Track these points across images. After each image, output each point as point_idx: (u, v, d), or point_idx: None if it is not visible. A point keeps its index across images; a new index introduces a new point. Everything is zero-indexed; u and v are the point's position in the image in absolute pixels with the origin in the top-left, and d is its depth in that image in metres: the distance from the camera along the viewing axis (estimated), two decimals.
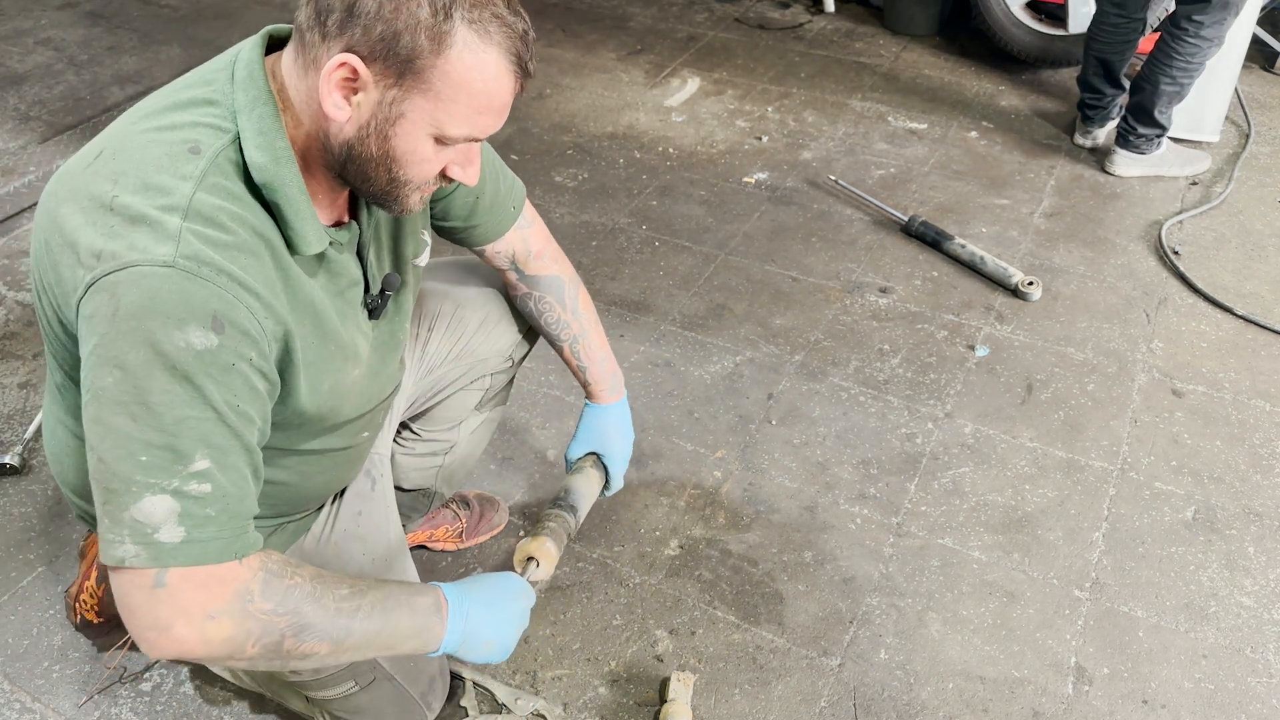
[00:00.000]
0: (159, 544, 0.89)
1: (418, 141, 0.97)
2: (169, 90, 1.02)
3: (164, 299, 0.88)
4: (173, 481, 0.89)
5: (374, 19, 0.90)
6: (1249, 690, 1.57)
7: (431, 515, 1.80)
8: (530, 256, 1.44)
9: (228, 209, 0.94)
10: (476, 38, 0.92)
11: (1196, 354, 2.23)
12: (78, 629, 1.64)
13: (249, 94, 0.97)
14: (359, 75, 0.92)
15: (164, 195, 0.91)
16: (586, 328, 1.50)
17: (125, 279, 0.88)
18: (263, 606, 0.95)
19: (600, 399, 1.53)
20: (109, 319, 0.88)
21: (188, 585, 0.91)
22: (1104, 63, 2.80)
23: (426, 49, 0.91)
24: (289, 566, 0.99)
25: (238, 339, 0.92)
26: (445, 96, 0.94)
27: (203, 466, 0.90)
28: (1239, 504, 1.87)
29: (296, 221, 0.99)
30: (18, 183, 2.85)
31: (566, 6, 4.04)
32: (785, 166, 2.95)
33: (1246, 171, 2.85)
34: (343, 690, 1.34)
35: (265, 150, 0.96)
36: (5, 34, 3.86)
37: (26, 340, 2.34)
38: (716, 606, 1.72)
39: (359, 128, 0.96)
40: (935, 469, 1.96)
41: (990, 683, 1.59)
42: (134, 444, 0.88)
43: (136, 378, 0.88)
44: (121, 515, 0.89)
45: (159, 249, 0.89)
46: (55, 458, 1.19)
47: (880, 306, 2.39)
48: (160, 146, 0.95)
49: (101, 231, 0.90)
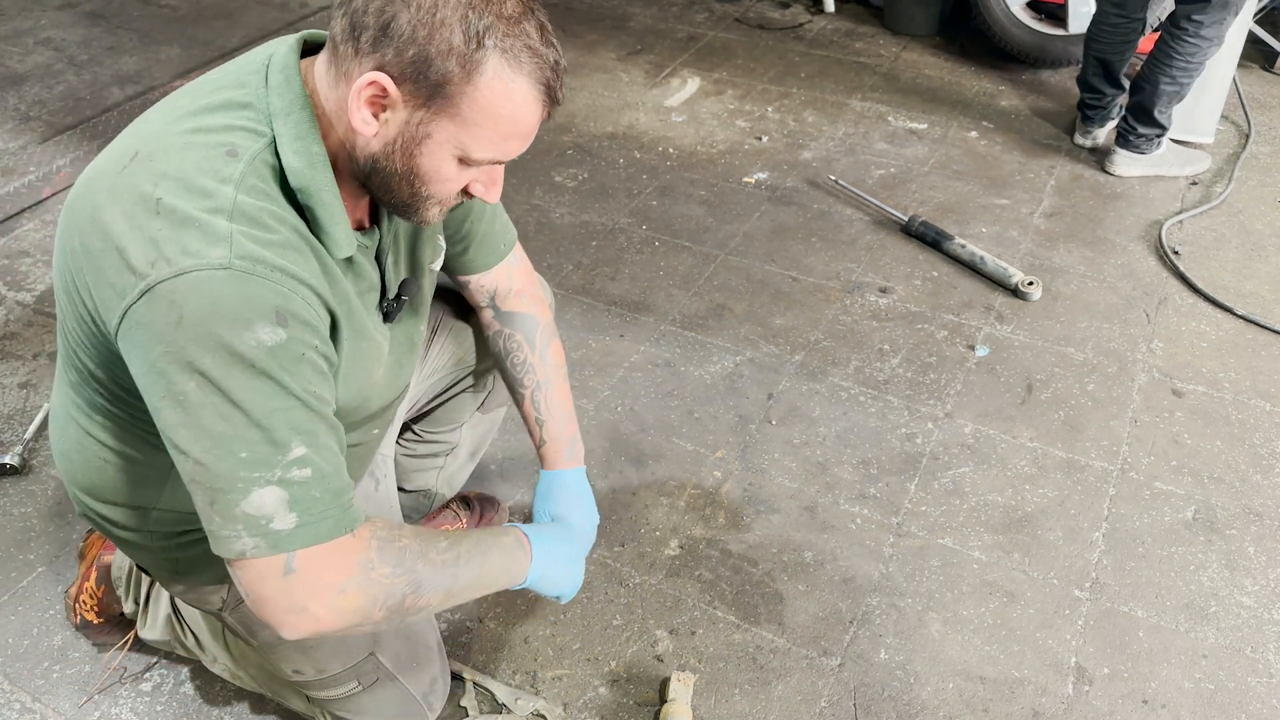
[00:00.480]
0: (276, 533, 0.93)
1: (442, 161, 0.98)
2: (199, 90, 1.02)
3: (227, 302, 0.89)
4: (276, 472, 0.92)
5: (407, 41, 0.90)
6: (1249, 690, 1.57)
7: (432, 515, 1.80)
8: (510, 293, 1.43)
9: (268, 209, 0.95)
10: (507, 67, 0.93)
11: (1196, 354, 2.23)
12: (78, 629, 1.65)
13: (285, 98, 0.97)
14: (388, 94, 0.93)
15: (207, 198, 0.92)
16: (551, 378, 1.44)
17: (184, 285, 0.89)
18: (383, 571, 1.00)
19: (556, 463, 1.42)
20: (174, 326, 0.89)
21: (315, 565, 0.95)
22: (1104, 63, 2.80)
23: (457, 75, 0.91)
24: (393, 530, 1.04)
25: (301, 329, 0.94)
26: (472, 121, 0.94)
27: (300, 453, 0.93)
28: (1239, 504, 1.87)
29: (330, 225, 1.00)
30: (18, 183, 2.85)
31: (566, 6, 4.04)
32: (785, 166, 2.95)
33: (1246, 171, 2.85)
34: (345, 690, 1.34)
35: (302, 155, 0.97)
36: (5, 34, 3.86)
37: (26, 340, 2.34)
38: (716, 606, 1.72)
39: (385, 143, 0.97)
40: (935, 469, 1.96)
41: (990, 683, 1.59)
42: (232, 442, 0.91)
43: (217, 379, 0.90)
44: (233, 512, 0.92)
45: (213, 252, 0.89)
46: (64, 454, 1.19)
47: (880, 306, 2.39)
48: (198, 149, 0.95)
49: (150, 236, 0.90)
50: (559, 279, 2.51)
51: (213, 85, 1.02)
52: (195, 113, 0.98)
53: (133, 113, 3.22)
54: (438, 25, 0.90)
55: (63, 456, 1.20)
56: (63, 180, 2.93)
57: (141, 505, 1.19)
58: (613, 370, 2.23)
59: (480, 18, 0.91)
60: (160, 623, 1.53)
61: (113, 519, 1.21)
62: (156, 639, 1.55)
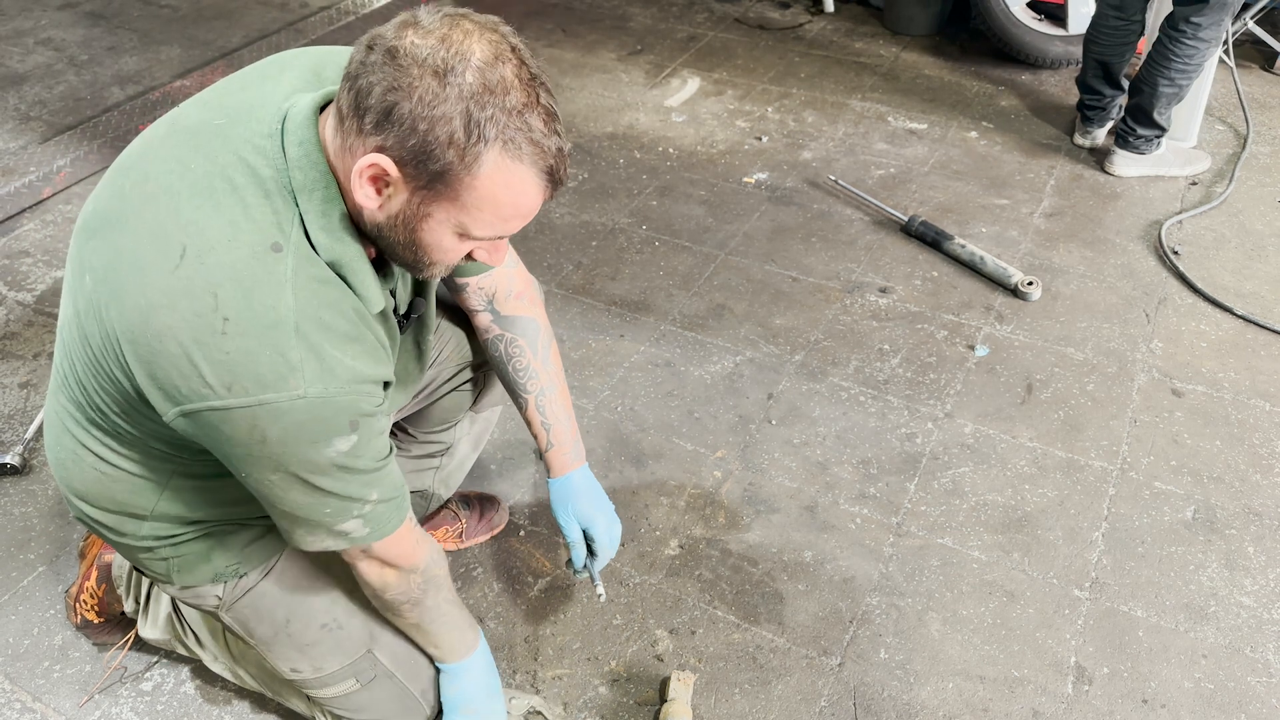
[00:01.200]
0: (356, 538, 1.12)
1: (443, 237, 0.99)
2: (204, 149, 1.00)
3: (307, 429, 0.98)
4: (355, 512, 1.09)
5: (408, 130, 0.90)
6: (1249, 690, 1.57)
7: (431, 515, 1.80)
8: (510, 295, 1.43)
9: (325, 298, 0.98)
10: (508, 158, 0.92)
11: (1196, 354, 2.23)
12: (78, 629, 1.65)
13: (307, 174, 0.98)
14: (389, 174, 0.93)
15: (270, 310, 0.94)
16: (554, 382, 1.46)
17: (264, 415, 0.95)
18: (416, 581, 1.26)
19: (564, 468, 1.46)
20: (259, 444, 0.98)
21: (384, 549, 1.18)
22: (1103, 64, 2.80)
23: (457, 165, 0.91)
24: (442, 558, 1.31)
25: (371, 421, 1.04)
26: (472, 206, 0.95)
27: (373, 498, 1.10)
28: (1239, 504, 1.87)
29: (362, 289, 1.03)
30: (18, 183, 2.85)
31: (566, 6, 4.04)
32: (785, 166, 2.95)
33: (1246, 171, 2.85)
34: (343, 689, 1.35)
35: (329, 232, 0.99)
36: (5, 34, 3.86)
37: (27, 340, 2.34)
38: (716, 606, 1.72)
39: (388, 216, 0.98)
40: (935, 469, 1.96)
41: (990, 682, 1.59)
42: (315, 507, 1.06)
43: (299, 477, 1.02)
44: (319, 530, 1.10)
45: (288, 385, 0.95)
46: (59, 461, 1.19)
47: (880, 306, 2.40)
48: (243, 247, 0.95)
49: (220, 359, 0.93)
50: (559, 279, 2.51)
51: (227, 148, 0.99)
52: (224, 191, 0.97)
53: (133, 113, 3.22)
54: (438, 118, 0.89)
55: (58, 463, 1.20)
56: (62, 180, 2.93)
57: (137, 513, 1.19)
58: (613, 370, 2.23)
59: (482, 110, 0.90)
60: (161, 621, 1.53)
61: (108, 524, 1.22)
62: (157, 638, 1.55)
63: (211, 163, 0.99)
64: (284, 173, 0.98)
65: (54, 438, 1.20)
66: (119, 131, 3.12)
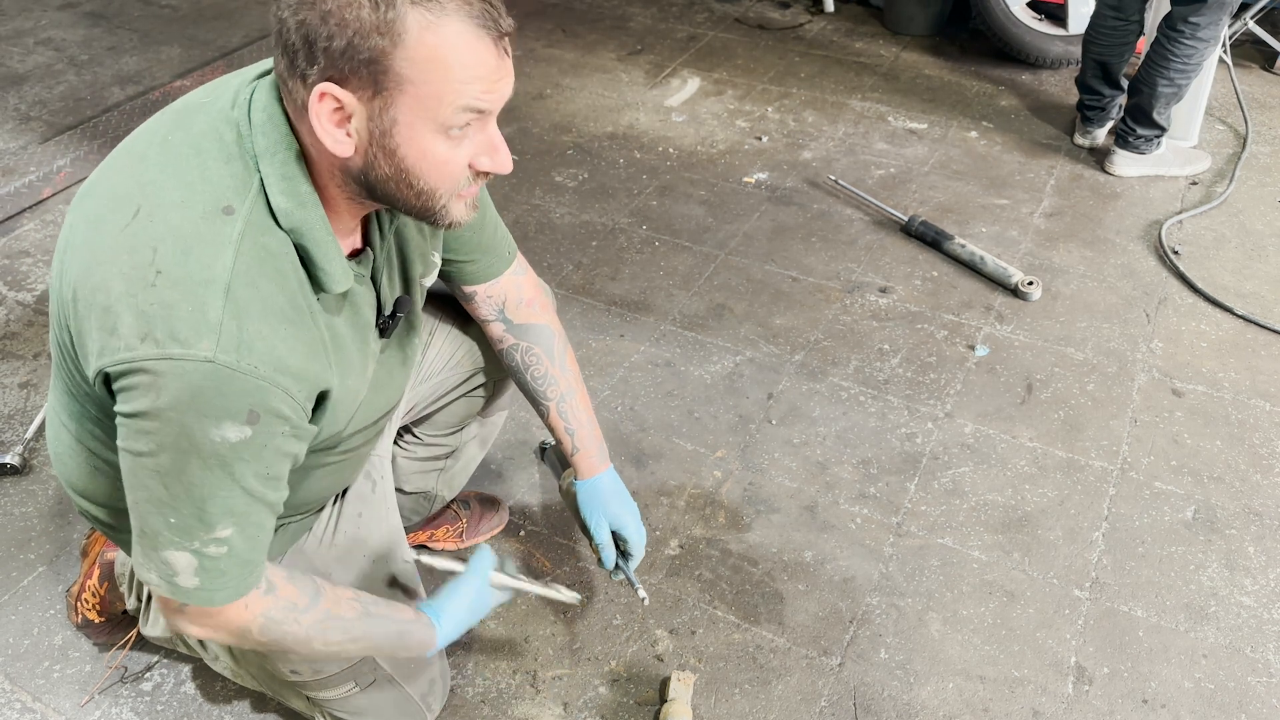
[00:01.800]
0: (177, 585, 1.01)
1: (424, 143, 0.94)
2: (191, 123, 1.00)
3: (203, 397, 0.91)
4: (194, 543, 0.99)
5: (327, 39, 0.88)
6: (1249, 690, 1.57)
7: (433, 516, 1.80)
8: (521, 304, 1.42)
9: (270, 268, 0.95)
10: (429, 15, 0.89)
11: (1196, 354, 2.23)
12: (79, 628, 1.65)
13: (269, 138, 0.97)
14: (341, 101, 0.91)
15: (205, 268, 0.91)
16: (574, 386, 1.45)
17: (166, 370, 0.90)
18: (258, 639, 1.10)
19: (591, 471, 1.45)
20: (150, 402, 0.92)
21: (200, 617, 1.05)
22: (1102, 64, 2.80)
23: (384, 46, 0.88)
24: (293, 612, 1.10)
25: (272, 422, 0.96)
26: (421, 82, 0.90)
27: (225, 534, 0.99)
28: (1239, 504, 1.87)
29: (324, 262, 0.99)
30: (18, 183, 2.85)
31: (566, 6, 4.04)
32: (785, 166, 2.95)
33: (1246, 171, 2.85)
34: (343, 691, 1.35)
35: (290, 195, 0.96)
36: (5, 34, 3.86)
37: (27, 340, 2.34)
38: (716, 606, 1.72)
39: (364, 153, 0.95)
40: (935, 469, 1.96)
41: (990, 682, 1.59)
42: (164, 508, 0.97)
43: (172, 458, 0.94)
44: (151, 554, 1.00)
45: (200, 343, 0.90)
46: (59, 457, 1.20)
47: (880, 306, 2.40)
48: (195, 207, 0.94)
49: (142, 309, 0.90)
50: (559, 279, 2.51)
51: (203, 120, 1.00)
52: (188, 156, 0.97)
53: (133, 113, 3.23)
54: (345, 6, 0.87)
55: (58, 459, 1.20)
56: (63, 180, 2.93)
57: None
58: (613, 370, 2.23)
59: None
60: (162, 620, 1.53)
61: (107, 520, 1.22)
62: (159, 636, 1.55)
63: (187, 135, 0.99)
64: (248, 138, 0.97)
65: (52, 433, 1.20)
66: (119, 131, 3.12)
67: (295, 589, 1.12)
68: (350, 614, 1.17)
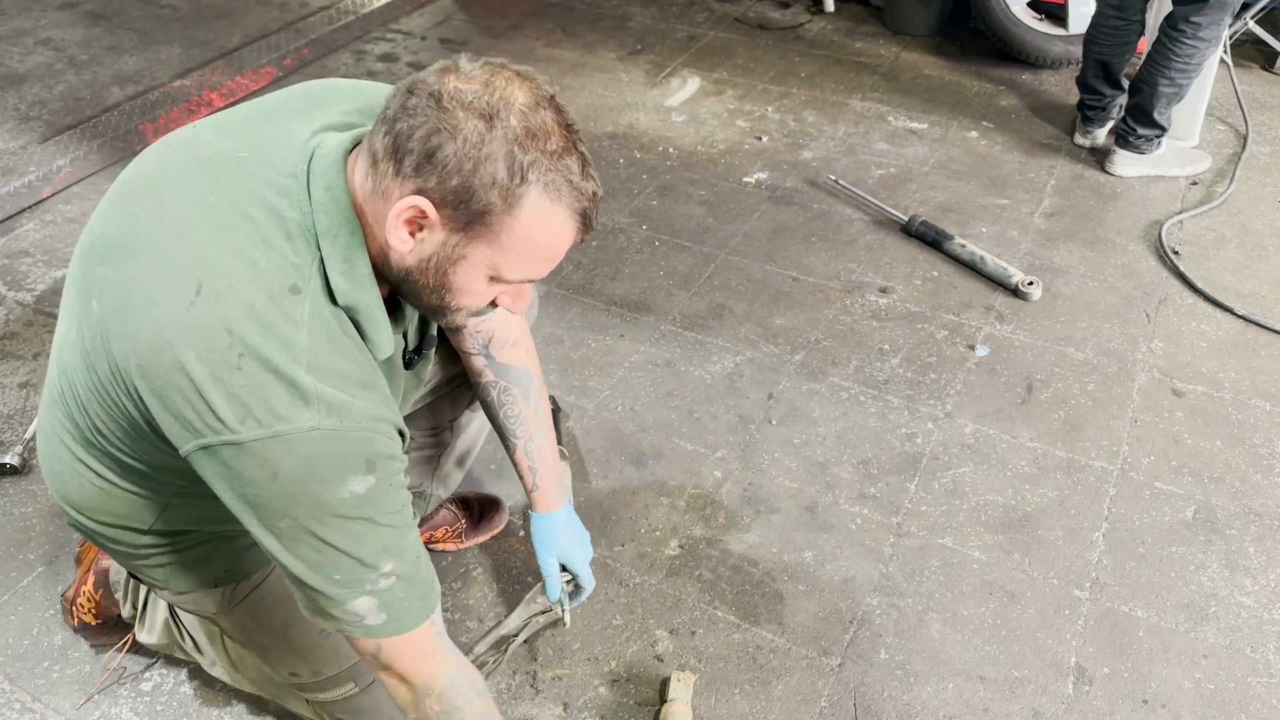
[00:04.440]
0: (369, 626, 1.05)
1: (474, 280, 1.00)
2: (221, 182, 1.00)
3: (321, 464, 0.94)
4: (367, 585, 1.02)
5: (451, 171, 0.91)
6: (1249, 690, 1.57)
7: (430, 516, 1.80)
8: (507, 343, 1.44)
9: (339, 345, 0.98)
10: (547, 199, 0.94)
11: (1196, 354, 2.23)
12: (76, 631, 1.64)
13: (331, 218, 0.98)
14: (427, 216, 0.94)
15: (285, 348, 0.93)
16: (544, 428, 1.50)
17: (276, 448, 0.93)
18: (433, 706, 1.12)
19: (547, 506, 1.51)
20: (269, 482, 0.94)
21: (397, 653, 1.08)
22: (1103, 64, 2.80)
23: (498, 206, 0.93)
24: (472, 691, 1.15)
25: (388, 465, 1.00)
26: (508, 247, 0.96)
27: (389, 568, 1.03)
28: (1239, 504, 1.87)
29: (374, 335, 1.02)
30: (18, 183, 2.85)
31: (566, 6, 4.04)
32: (785, 166, 2.95)
33: (1246, 171, 2.85)
34: (342, 692, 1.34)
35: (349, 277, 0.99)
36: (5, 34, 3.86)
37: (26, 340, 2.34)
38: (716, 606, 1.72)
39: (420, 260, 0.98)
40: (935, 469, 1.96)
41: (990, 683, 1.59)
42: (325, 568, 1.00)
43: (310, 526, 0.97)
44: (332, 611, 1.03)
45: (302, 415, 0.93)
46: (55, 474, 1.18)
47: (880, 306, 2.39)
48: (263, 287, 0.95)
49: (234, 392, 0.92)
50: (559, 279, 2.51)
51: (244, 180, 0.99)
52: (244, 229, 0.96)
53: (132, 113, 3.22)
54: (483, 159, 0.91)
55: (54, 475, 1.19)
56: (62, 180, 2.93)
57: (136, 526, 1.19)
58: (613, 370, 2.23)
59: (525, 153, 0.92)
60: (158, 627, 1.53)
61: (105, 535, 1.21)
62: (154, 643, 1.55)
63: (232, 198, 0.98)
64: (308, 215, 0.98)
65: (50, 450, 1.18)
66: (119, 131, 3.12)
67: (476, 674, 1.17)
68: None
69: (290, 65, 3.60)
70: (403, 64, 3.57)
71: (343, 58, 3.67)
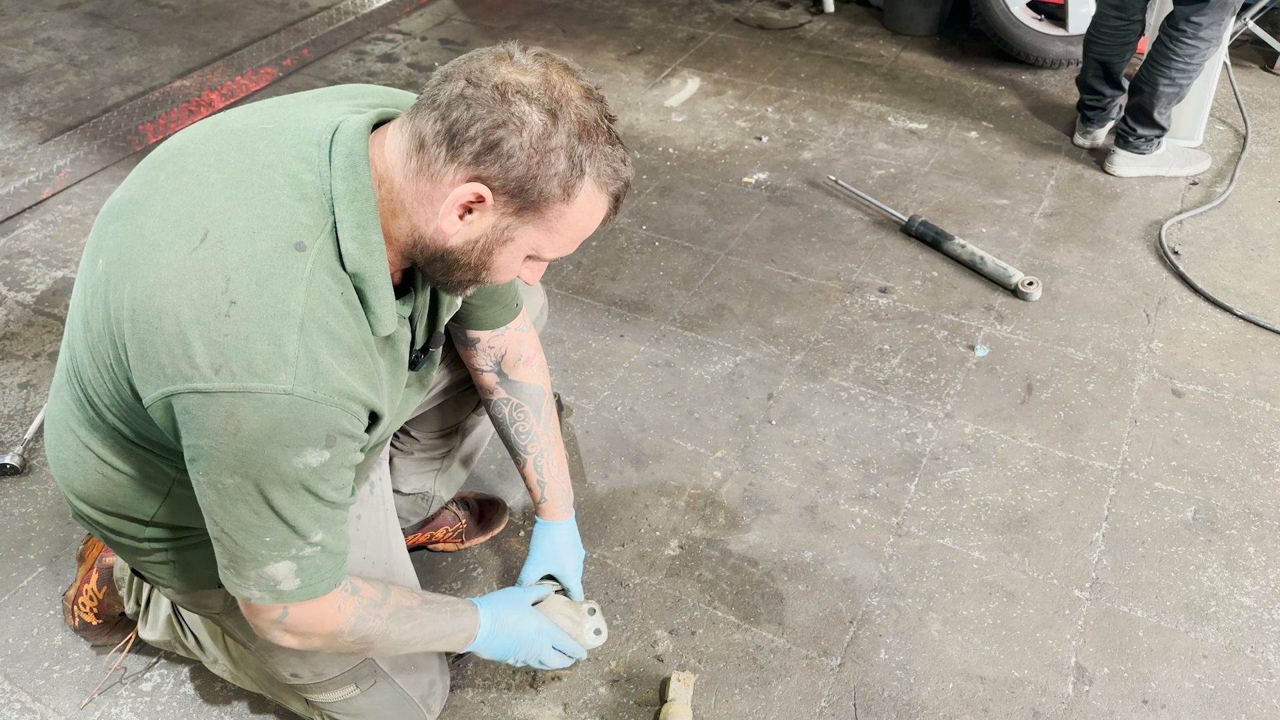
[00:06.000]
0: (281, 591, 1.06)
1: (514, 259, 1.04)
2: (257, 148, 1.01)
3: (283, 429, 0.95)
4: (292, 551, 1.04)
5: (515, 163, 0.95)
6: (1249, 690, 1.57)
7: (432, 517, 1.80)
8: (520, 361, 1.46)
9: (336, 307, 0.97)
10: (595, 190, 1.00)
11: (1196, 354, 2.23)
12: (76, 631, 1.64)
13: (349, 185, 0.99)
14: (484, 201, 0.97)
15: (279, 302, 0.93)
16: (554, 443, 1.53)
17: (245, 404, 0.93)
18: (348, 640, 1.17)
19: (553, 516, 1.55)
20: (230, 436, 0.94)
21: (300, 623, 1.11)
22: (1103, 64, 2.80)
23: (557, 196, 0.98)
24: (374, 608, 1.18)
25: (346, 444, 1.01)
26: (556, 231, 1.01)
27: (318, 539, 1.05)
28: (1239, 504, 1.87)
29: (378, 307, 1.03)
30: (18, 183, 2.85)
31: (566, 6, 4.04)
32: (785, 166, 2.95)
33: (1246, 171, 2.85)
34: (342, 694, 1.35)
35: (360, 244, 0.99)
36: (5, 34, 3.86)
37: (26, 340, 2.34)
38: (716, 606, 1.72)
39: (466, 241, 1.01)
40: (935, 469, 1.96)
41: (990, 683, 1.59)
42: (257, 530, 1.01)
43: (258, 486, 0.98)
44: (248, 573, 1.05)
45: (279, 376, 0.93)
46: (61, 461, 1.19)
47: (880, 306, 2.39)
48: (267, 239, 0.95)
49: (216, 339, 0.92)
50: (559, 279, 2.51)
51: (267, 149, 1.00)
52: (258, 186, 0.98)
53: (132, 113, 3.22)
54: (546, 153, 0.95)
55: (59, 464, 1.20)
56: (62, 180, 2.93)
57: (138, 517, 1.19)
58: (613, 370, 2.23)
59: (583, 145, 0.97)
60: (161, 624, 1.53)
61: (109, 526, 1.22)
62: (157, 640, 1.55)
63: (252, 161, 1.00)
64: (326, 180, 0.98)
65: (55, 436, 1.19)
66: (119, 131, 3.12)
67: (372, 589, 1.19)
68: (412, 603, 1.24)
69: (290, 66, 3.60)
70: (403, 64, 3.56)
71: (343, 58, 3.67)
